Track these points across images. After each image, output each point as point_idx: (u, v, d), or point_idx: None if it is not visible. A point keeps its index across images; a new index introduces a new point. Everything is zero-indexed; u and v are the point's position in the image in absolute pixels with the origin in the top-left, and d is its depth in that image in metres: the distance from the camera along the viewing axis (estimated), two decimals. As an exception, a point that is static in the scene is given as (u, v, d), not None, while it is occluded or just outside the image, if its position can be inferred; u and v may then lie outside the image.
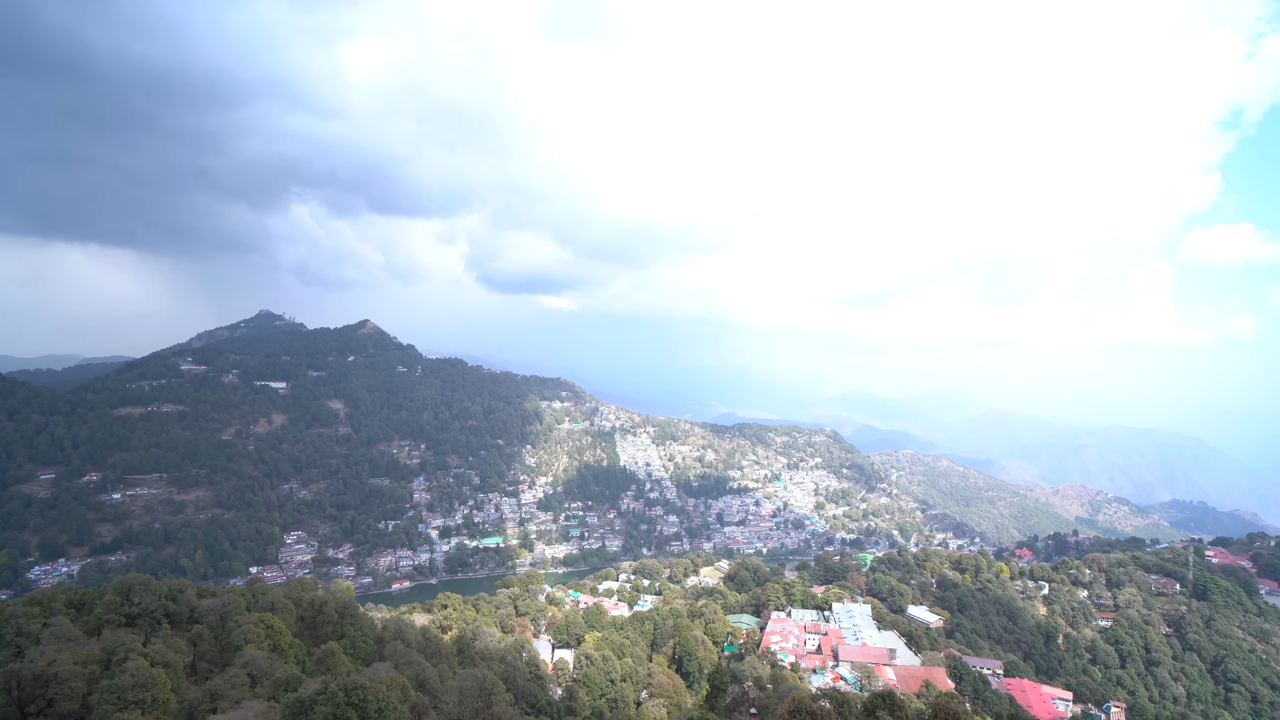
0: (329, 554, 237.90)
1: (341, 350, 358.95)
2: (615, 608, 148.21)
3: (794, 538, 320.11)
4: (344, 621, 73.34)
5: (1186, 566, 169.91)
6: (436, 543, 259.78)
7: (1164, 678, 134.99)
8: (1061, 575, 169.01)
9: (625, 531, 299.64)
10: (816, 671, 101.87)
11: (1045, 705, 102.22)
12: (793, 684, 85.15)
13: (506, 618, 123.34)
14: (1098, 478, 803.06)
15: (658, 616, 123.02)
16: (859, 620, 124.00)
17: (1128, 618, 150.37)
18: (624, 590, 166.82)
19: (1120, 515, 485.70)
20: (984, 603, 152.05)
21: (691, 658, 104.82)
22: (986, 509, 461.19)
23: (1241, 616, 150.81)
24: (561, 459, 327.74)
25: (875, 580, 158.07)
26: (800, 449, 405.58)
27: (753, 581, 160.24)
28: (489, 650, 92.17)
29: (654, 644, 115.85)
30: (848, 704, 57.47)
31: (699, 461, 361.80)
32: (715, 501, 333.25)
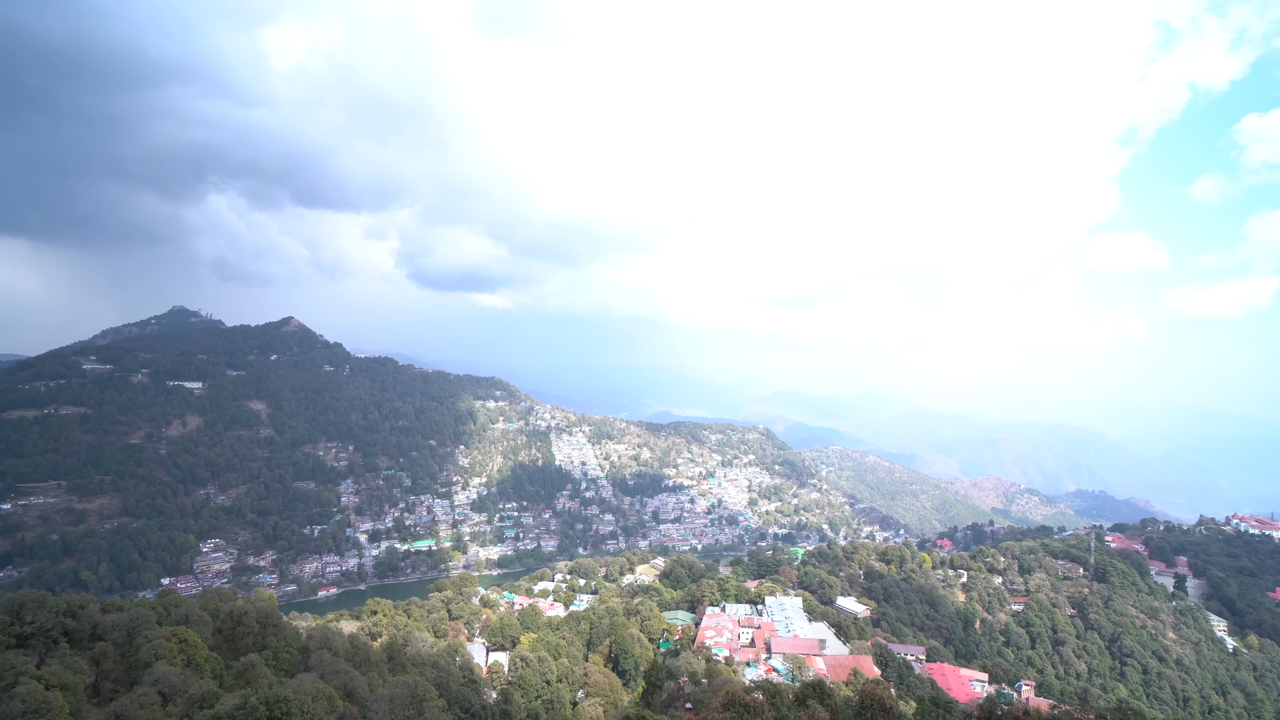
0: (250, 562, 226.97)
1: (263, 349, 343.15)
2: (551, 608, 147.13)
3: (728, 534, 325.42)
4: (266, 632, 70.06)
5: (1089, 552, 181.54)
6: (365, 547, 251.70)
7: (1068, 656, 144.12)
8: (978, 563, 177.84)
9: (561, 531, 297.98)
10: (750, 664, 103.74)
11: (964, 687, 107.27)
12: (727, 677, 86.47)
13: (439, 622, 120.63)
14: (1011, 470, 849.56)
15: (594, 616, 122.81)
16: (791, 613, 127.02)
17: (1037, 601, 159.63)
18: (560, 590, 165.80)
19: (1031, 505, 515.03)
20: (908, 592, 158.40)
21: (628, 655, 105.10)
22: (911, 502, 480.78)
23: (1135, 596, 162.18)
24: (496, 459, 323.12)
25: (806, 573, 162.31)
26: (734, 446, 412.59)
27: (688, 578, 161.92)
28: (421, 656, 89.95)
29: (590, 643, 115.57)
30: (780, 695, 58.78)
31: (635, 460, 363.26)
32: (651, 499, 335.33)
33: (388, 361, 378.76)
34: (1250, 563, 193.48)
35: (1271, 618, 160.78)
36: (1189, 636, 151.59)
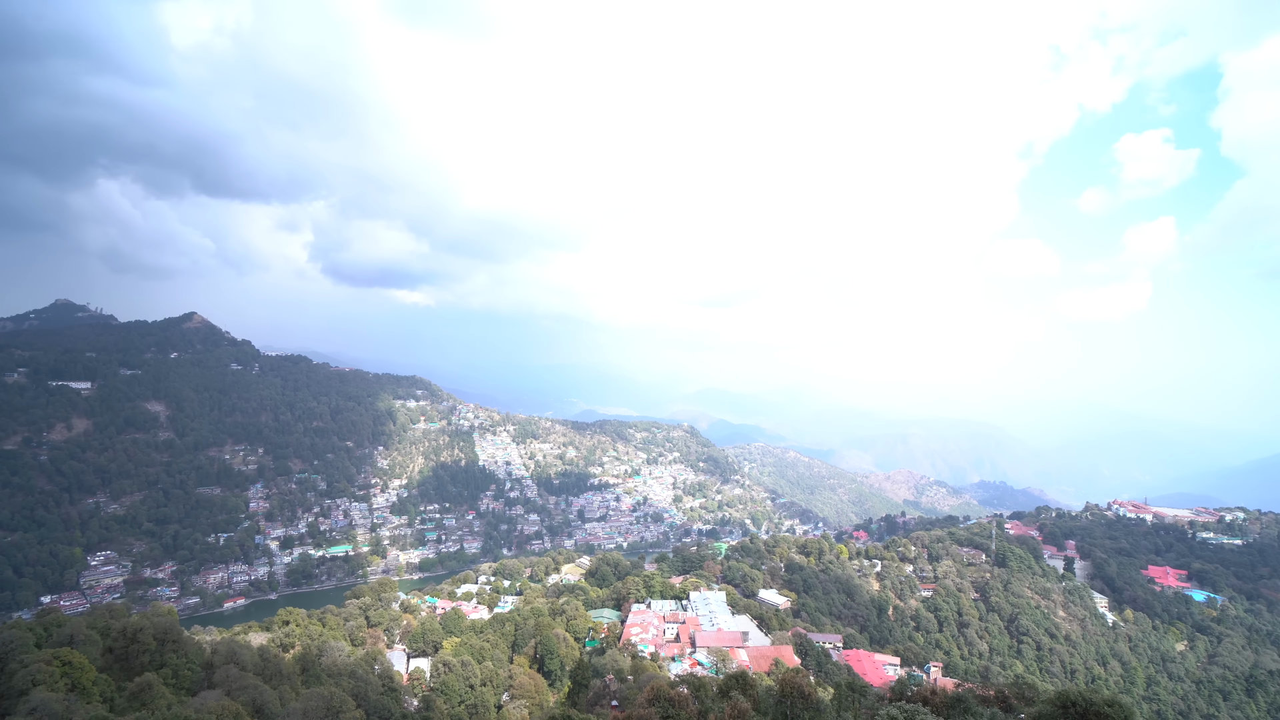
0: (146, 574, 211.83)
1: (162, 346, 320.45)
2: (475, 611, 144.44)
3: (653, 530, 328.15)
4: (165, 649, 65.62)
5: (990, 539, 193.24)
6: (277, 554, 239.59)
7: (972, 637, 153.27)
8: (891, 553, 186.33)
9: (485, 532, 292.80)
10: (675, 659, 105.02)
11: (878, 671, 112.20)
12: (653, 673, 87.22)
13: (357, 630, 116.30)
14: (922, 463, 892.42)
15: (519, 617, 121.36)
16: (714, 607, 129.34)
17: (945, 587, 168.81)
18: (484, 593, 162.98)
19: (940, 496, 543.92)
20: (826, 583, 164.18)
21: (553, 656, 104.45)
22: (829, 496, 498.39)
23: (1030, 579, 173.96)
24: (417, 460, 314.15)
25: (729, 567, 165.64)
26: (659, 444, 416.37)
27: (613, 576, 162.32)
28: (337, 666, 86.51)
29: (515, 645, 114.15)
30: (704, 687, 59.81)
31: (560, 459, 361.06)
32: (576, 498, 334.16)
33: (301, 360, 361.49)
34: (1127, 544, 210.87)
35: (1144, 593, 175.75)
36: (1076, 614, 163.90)
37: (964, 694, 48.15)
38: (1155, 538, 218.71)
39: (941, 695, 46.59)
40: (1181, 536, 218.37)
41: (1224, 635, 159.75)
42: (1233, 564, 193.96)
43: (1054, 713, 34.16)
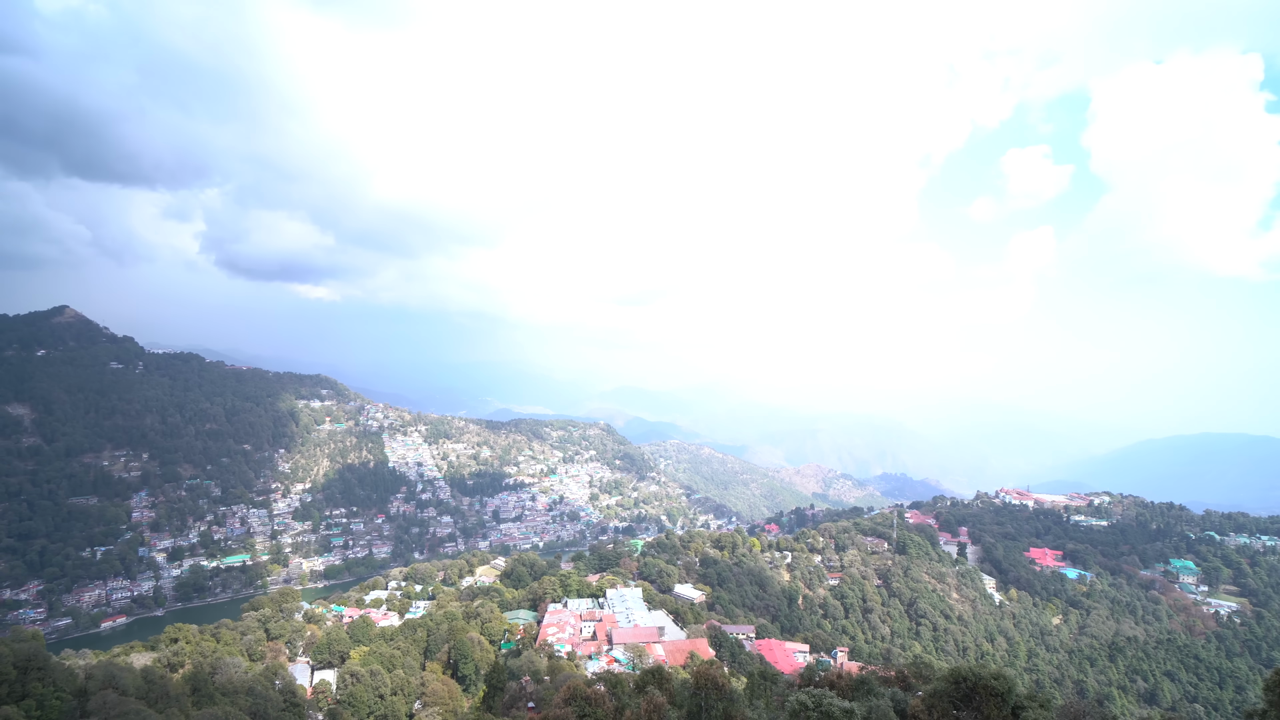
0: (6, 595, 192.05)
1: (27, 342, 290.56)
2: (384, 618, 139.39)
3: (570, 529, 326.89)
4: (28, 678, 59.52)
5: (892, 528, 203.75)
6: (164, 567, 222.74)
7: (875, 622, 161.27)
8: (801, 545, 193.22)
9: (395, 536, 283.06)
10: (593, 657, 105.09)
11: (788, 659, 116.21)
12: (570, 673, 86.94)
13: (255, 644, 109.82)
14: (829, 457, 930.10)
15: (431, 622, 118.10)
16: (631, 603, 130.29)
17: (850, 575, 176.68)
18: (394, 599, 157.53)
19: (846, 488, 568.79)
20: (739, 575, 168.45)
21: (468, 660, 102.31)
22: (742, 490, 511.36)
23: (928, 564, 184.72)
24: (322, 463, 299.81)
25: (646, 564, 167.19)
26: (575, 442, 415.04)
27: (529, 576, 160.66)
28: (233, 683, 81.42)
29: (428, 651, 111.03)
30: (621, 684, 60.19)
31: (474, 459, 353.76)
32: (491, 499, 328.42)
33: (192, 358, 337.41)
34: (1012, 528, 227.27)
35: (1026, 573, 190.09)
36: (968, 595, 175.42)
37: (867, 676, 50.65)
38: (1036, 522, 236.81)
39: (847, 678, 48.85)
40: (1058, 520, 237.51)
41: (1092, 608, 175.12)
42: (1100, 543, 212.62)
43: (948, 688, 36.44)
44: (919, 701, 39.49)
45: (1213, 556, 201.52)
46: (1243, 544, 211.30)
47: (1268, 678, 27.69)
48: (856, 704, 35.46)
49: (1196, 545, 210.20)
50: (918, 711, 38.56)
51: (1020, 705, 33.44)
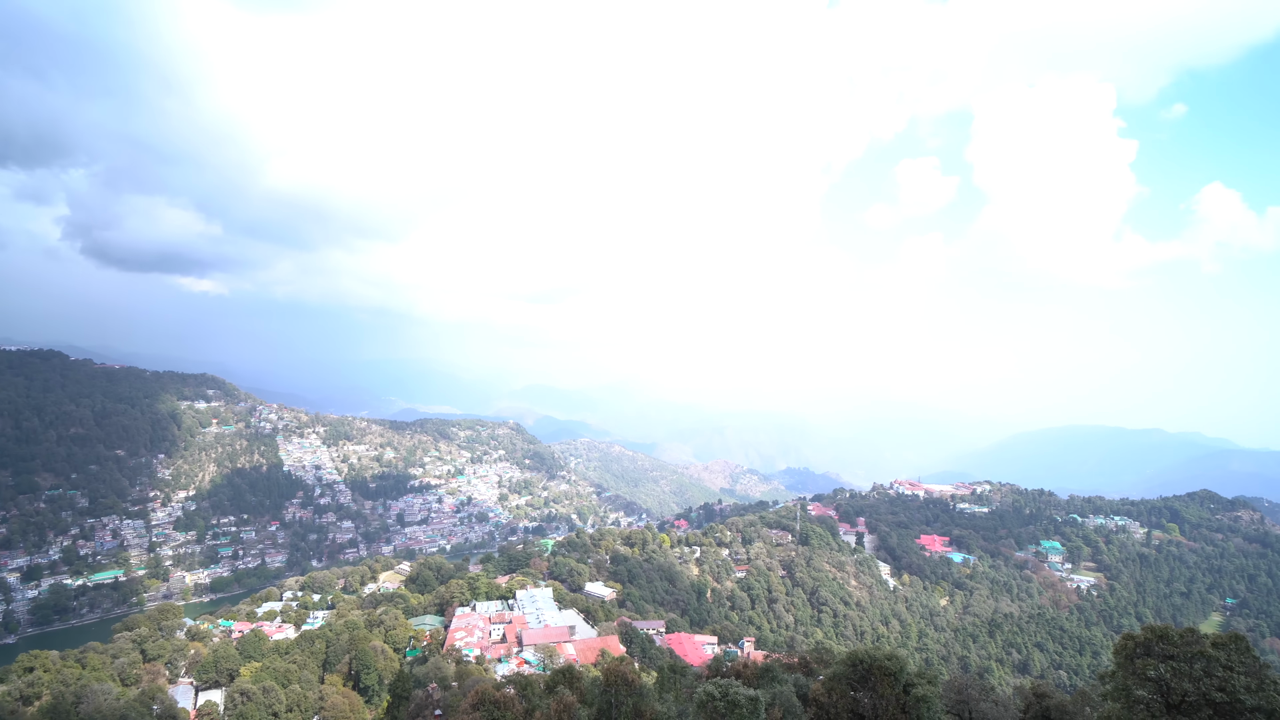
0: None
1: None
2: (279, 631, 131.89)
3: (478, 531, 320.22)
4: None
5: (796, 520, 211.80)
6: (17, 589, 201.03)
7: (780, 611, 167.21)
8: (709, 539, 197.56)
9: (291, 544, 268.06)
10: (502, 660, 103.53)
11: (698, 651, 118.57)
12: (479, 677, 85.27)
13: (129, 667, 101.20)
14: (736, 453, 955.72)
15: (330, 633, 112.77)
16: (541, 604, 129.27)
17: (756, 567, 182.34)
18: (289, 610, 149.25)
19: (752, 483, 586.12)
20: (650, 571, 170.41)
21: (370, 670, 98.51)
22: (652, 487, 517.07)
23: (829, 554, 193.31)
24: (208, 468, 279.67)
25: (556, 563, 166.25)
26: (484, 442, 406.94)
27: (436, 580, 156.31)
28: (101, 712, 74.88)
29: (327, 663, 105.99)
30: (531, 686, 59.58)
31: (377, 461, 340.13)
32: (395, 502, 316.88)
33: (54, 355, 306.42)
34: (905, 517, 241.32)
35: (918, 559, 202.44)
36: (865, 582, 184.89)
37: (772, 664, 52.52)
38: (926, 511, 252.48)
39: (752, 667, 50.48)
40: (945, 508, 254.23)
41: (974, 589, 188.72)
42: (981, 528, 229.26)
43: (846, 671, 38.36)
44: (819, 685, 41.35)
45: (1075, 537, 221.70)
46: (1100, 524, 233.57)
47: (1116, 643, 30.75)
48: (761, 691, 36.72)
49: (1062, 527, 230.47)
50: (818, 695, 40.37)
51: (911, 683, 35.63)
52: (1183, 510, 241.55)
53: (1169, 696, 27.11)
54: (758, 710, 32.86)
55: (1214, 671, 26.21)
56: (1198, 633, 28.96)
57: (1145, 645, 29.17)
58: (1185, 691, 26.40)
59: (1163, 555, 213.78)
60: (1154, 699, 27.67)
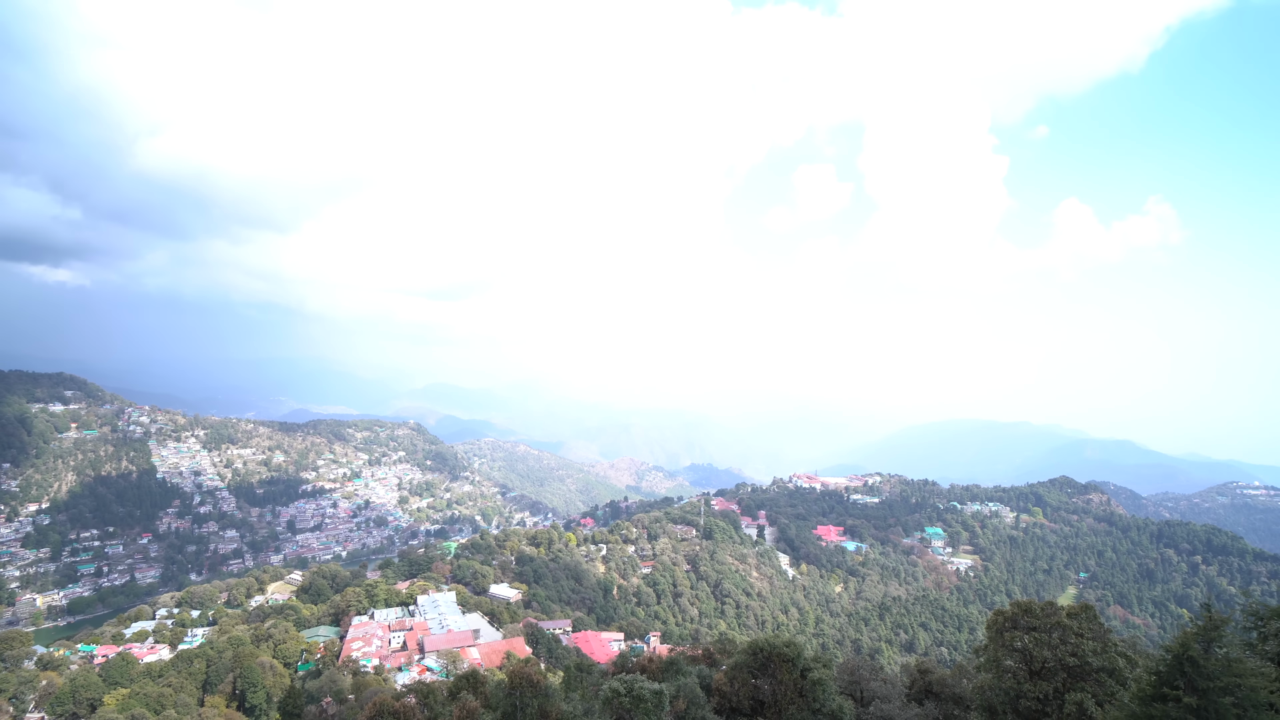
0: None
1: None
2: (152, 652, 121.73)
3: (377, 536, 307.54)
4: None
5: (700, 515, 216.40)
6: None
7: (685, 605, 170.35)
8: (615, 536, 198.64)
9: (166, 557, 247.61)
10: (403, 668, 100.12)
11: (604, 648, 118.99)
12: (377, 688, 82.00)
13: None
14: (642, 451, 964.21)
15: (212, 651, 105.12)
16: (444, 609, 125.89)
17: (662, 563, 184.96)
18: (164, 629, 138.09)
19: (658, 480, 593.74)
20: (556, 571, 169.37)
21: (257, 688, 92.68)
22: (558, 486, 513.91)
23: (732, 547, 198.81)
24: (66, 477, 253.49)
25: (460, 566, 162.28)
26: (383, 443, 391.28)
27: (331, 589, 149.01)
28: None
29: (208, 684, 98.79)
30: (433, 693, 57.90)
31: (265, 465, 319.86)
32: (286, 508, 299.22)
33: None
34: (803, 509, 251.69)
35: (815, 549, 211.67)
36: (766, 573, 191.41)
37: (676, 657, 53.45)
38: (823, 502, 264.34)
39: (658, 661, 51.21)
40: (840, 500, 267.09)
41: (866, 575, 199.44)
42: (872, 517, 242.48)
43: (747, 660, 39.61)
44: (722, 675, 42.50)
45: (955, 523, 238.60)
46: (976, 510, 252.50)
47: (989, 619, 33.44)
48: (666, 684, 37.31)
49: (944, 514, 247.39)
50: (721, 685, 41.48)
51: (808, 668, 37.21)
52: (1045, 495, 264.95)
53: (1031, 664, 29.77)
54: (662, 703, 33.37)
55: (1068, 639, 29.04)
56: (1056, 605, 31.89)
57: (1013, 619, 31.89)
58: (1045, 658, 29.07)
59: (1029, 537, 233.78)
60: (1020, 667, 30.31)
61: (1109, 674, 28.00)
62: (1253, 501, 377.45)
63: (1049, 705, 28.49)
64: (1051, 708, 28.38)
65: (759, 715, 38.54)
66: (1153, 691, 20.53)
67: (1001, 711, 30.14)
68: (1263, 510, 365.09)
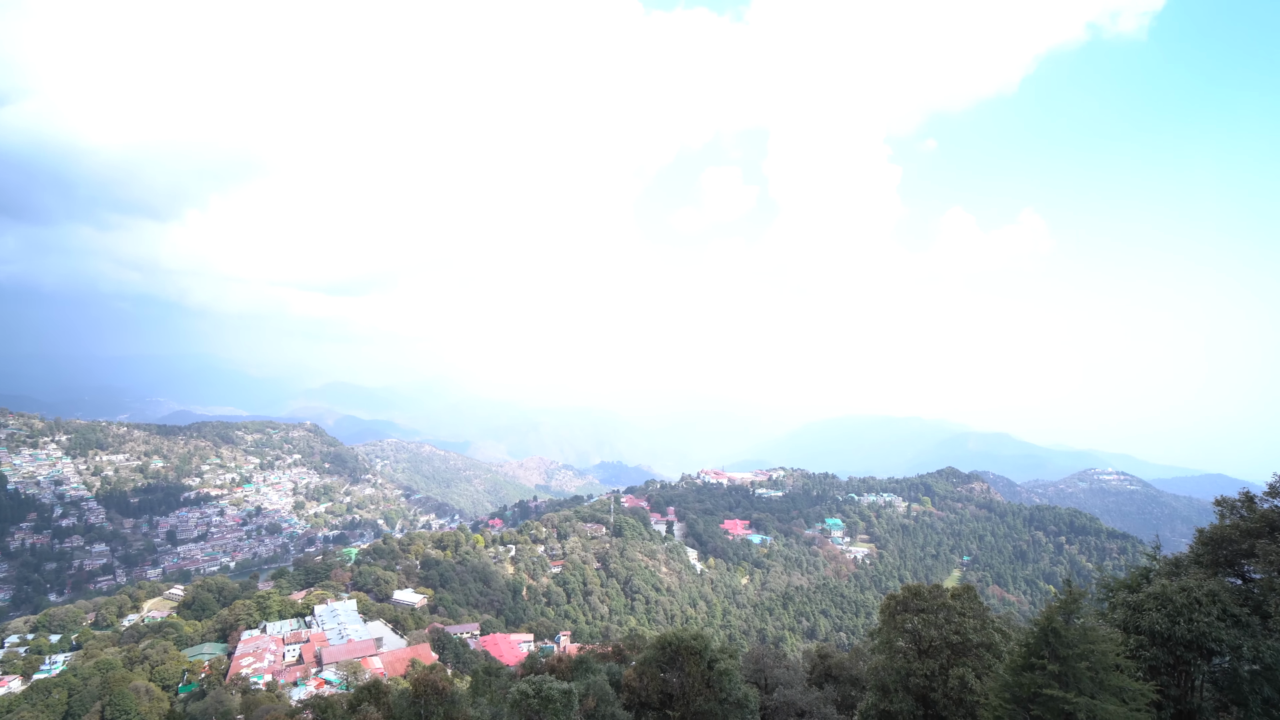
0: None
1: None
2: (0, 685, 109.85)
3: (270, 544, 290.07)
4: None
5: (610, 513, 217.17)
6: None
7: (595, 603, 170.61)
8: (525, 536, 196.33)
9: (19, 577, 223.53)
10: (299, 683, 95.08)
11: (513, 650, 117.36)
12: (269, 705, 77.48)
13: None
14: (552, 449, 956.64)
15: (74, 678, 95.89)
16: (344, 617, 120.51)
17: (572, 561, 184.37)
18: (15, 657, 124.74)
19: (568, 478, 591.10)
20: (463, 574, 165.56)
21: (129, 716, 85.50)
22: (465, 487, 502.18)
23: (641, 543, 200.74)
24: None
25: (361, 573, 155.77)
26: (276, 446, 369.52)
27: (218, 603, 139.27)
28: None
29: (69, 715, 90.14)
30: (331, 707, 55.26)
31: (141, 472, 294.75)
32: (165, 518, 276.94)
33: None
34: (711, 504, 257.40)
35: (722, 543, 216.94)
36: (675, 568, 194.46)
37: (586, 655, 53.44)
38: (729, 497, 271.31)
39: (567, 661, 51.01)
40: (746, 494, 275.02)
41: (771, 567, 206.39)
42: (777, 510, 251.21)
43: (655, 655, 40.16)
44: (631, 671, 42.89)
45: (853, 513, 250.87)
46: (872, 501, 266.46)
47: (882, 603, 35.44)
48: (575, 683, 37.25)
49: (843, 505, 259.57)
50: (630, 680, 41.85)
51: (714, 659, 38.15)
52: (933, 485, 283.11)
53: (920, 644, 31.82)
54: (571, 702, 33.30)
55: (952, 619, 31.26)
56: (942, 588, 34.19)
57: (903, 603, 33.96)
58: (932, 638, 31.14)
59: (919, 524, 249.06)
60: (910, 647, 32.34)
61: (987, 649, 30.35)
62: (1107, 486, 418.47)
63: (935, 681, 30.55)
64: (937, 683, 30.44)
65: (667, 708, 39.17)
66: (1023, 662, 22.43)
67: (893, 689, 32.03)
68: (1115, 493, 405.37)
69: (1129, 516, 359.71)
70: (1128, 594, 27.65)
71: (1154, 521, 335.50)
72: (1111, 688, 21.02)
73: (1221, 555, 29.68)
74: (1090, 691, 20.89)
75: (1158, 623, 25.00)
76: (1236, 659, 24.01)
